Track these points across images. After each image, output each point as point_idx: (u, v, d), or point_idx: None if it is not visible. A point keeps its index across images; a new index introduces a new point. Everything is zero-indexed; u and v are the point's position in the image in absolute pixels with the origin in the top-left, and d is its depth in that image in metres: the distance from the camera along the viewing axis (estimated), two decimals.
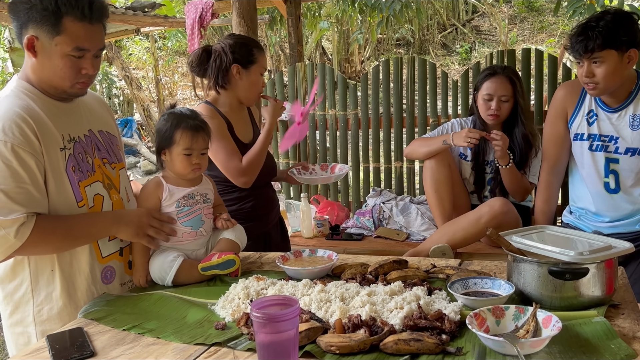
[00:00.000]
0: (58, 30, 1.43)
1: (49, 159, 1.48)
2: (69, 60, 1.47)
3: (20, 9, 1.46)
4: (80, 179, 1.56)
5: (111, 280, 1.67)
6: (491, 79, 2.60)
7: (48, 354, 1.22)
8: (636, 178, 2.13)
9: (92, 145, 1.65)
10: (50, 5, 1.41)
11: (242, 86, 2.26)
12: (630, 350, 1.11)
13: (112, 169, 1.71)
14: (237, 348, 1.22)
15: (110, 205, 1.66)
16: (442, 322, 1.22)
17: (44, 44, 1.45)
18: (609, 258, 1.34)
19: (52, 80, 1.53)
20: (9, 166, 1.39)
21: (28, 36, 1.45)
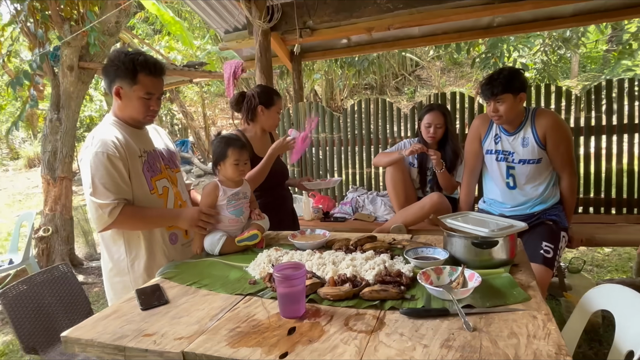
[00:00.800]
0: (135, 82, 1.54)
1: (132, 163, 1.56)
2: (142, 101, 1.57)
3: (110, 70, 1.56)
4: (152, 176, 1.64)
5: (175, 242, 1.71)
6: (430, 112, 2.61)
7: (137, 301, 1.22)
8: (526, 179, 2.15)
9: (158, 156, 1.71)
10: (130, 66, 1.52)
11: (264, 120, 2.27)
12: (526, 294, 1.13)
13: (172, 172, 1.77)
14: (264, 297, 1.23)
15: (173, 195, 1.73)
16: (401, 278, 1.23)
17: (126, 91, 1.56)
18: (510, 233, 1.36)
19: (131, 114, 1.62)
20: (105, 167, 1.48)
21: (115, 87, 1.55)
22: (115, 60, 1.55)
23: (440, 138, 2.64)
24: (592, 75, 10.38)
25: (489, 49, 6.84)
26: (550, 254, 1.98)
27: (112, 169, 1.49)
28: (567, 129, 2.15)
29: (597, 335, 2.35)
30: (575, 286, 2.70)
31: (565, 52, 7.94)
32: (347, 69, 10.05)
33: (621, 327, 1.17)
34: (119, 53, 1.57)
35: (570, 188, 2.17)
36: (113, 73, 1.55)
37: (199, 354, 0.93)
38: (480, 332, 0.96)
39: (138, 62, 1.54)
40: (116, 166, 1.51)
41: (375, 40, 4.13)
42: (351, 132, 3.59)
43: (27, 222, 3.73)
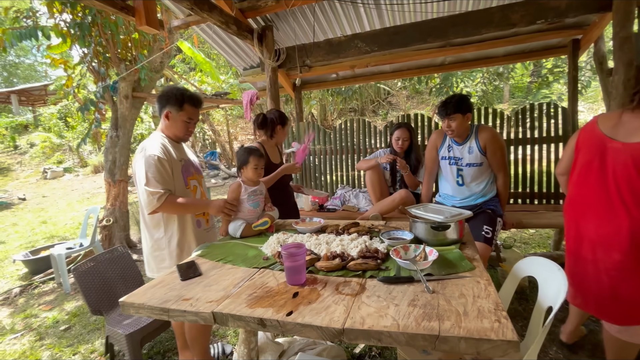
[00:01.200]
0: (181, 109, 1.60)
1: (174, 165, 1.59)
2: (184, 124, 1.63)
3: (164, 98, 1.60)
4: (187, 176, 1.65)
5: (200, 227, 1.70)
6: (398, 129, 2.61)
7: (177, 274, 1.21)
8: (471, 178, 2.15)
9: (191, 164, 1.72)
10: (180, 97, 1.59)
11: (279, 136, 2.28)
12: (472, 265, 1.14)
13: (199, 176, 1.77)
14: (274, 269, 1.23)
15: (200, 191, 1.74)
16: (378, 253, 1.23)
17: (173, 115, 1.60)
18: (459, 219, 1.36)
19: (175, 132, 1.64)
20: (156, 166, 1.50)
21: (166, 111, 1.60)
22: (169, 92, 1.60)
23: (406, 148, 2.64)
24: (519, 100, 10.43)
25: (442, 81, 6.88)
26: (490, 235, 1.99)
27: (160, 167, 1.51)
28: (502, 141, 2.16)
29: (525, 295, 2.36)
30: (508, 258, 2.71)
31: (499, 83, 8.00)
32: (336, 97, 10.09)
33: (543, 289, 1.17)
34: (172, 87, 1.62)
35: (504, 185, 2.17)
36: (165, 100, 1.59)
37: (225, 313, 0.93)
38: (437, 294, 0.96)
39: (186, 95, 1.60)
40: (164, 165, 1.53)
41: (357, 74, 4.13)
42: (339, 144, 3.58)
43: (94, 215, 3.68)
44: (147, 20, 1.75)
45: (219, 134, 11.13)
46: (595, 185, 1.40)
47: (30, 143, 12.75)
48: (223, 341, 2.14)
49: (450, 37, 2.64)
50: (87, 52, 3.92)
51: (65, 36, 3.72)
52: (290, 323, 0.86)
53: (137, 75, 4.05)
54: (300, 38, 3.19)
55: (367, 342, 0.81)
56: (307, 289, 1.04)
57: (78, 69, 4.67)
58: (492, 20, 2.48)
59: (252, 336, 1.44)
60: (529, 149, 3.00)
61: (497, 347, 0.74)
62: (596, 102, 9.45)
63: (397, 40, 2.76)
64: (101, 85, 3.98)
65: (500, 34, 2.98)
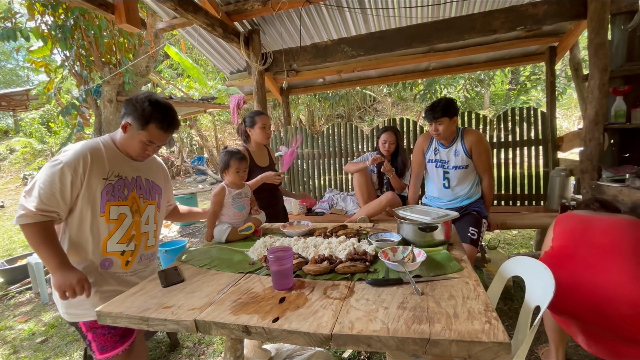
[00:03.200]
0: (143, 127, 1.23)
1: (88, 182, 1.19)
2: (141, 144, 1.26)
3: (129, 105, 1.23)
4: (108, 199, 1.23)
5: (108, 268, 1.27)
6: (385, 132, 2.61)
7: (159, 280, 1.15)
8: (457, 181, 2.16)
9: (134, 185, 1.31)
10: (146, 114, 1.22)
11: (255, 137, 2.17)
12: (460, 266, 1.11)
13: (143, 203, 1.34)
14: (260, 274, 1.17)
15: (130, 222, 1.30)
16: (366, 255, 1.20)
17: (132, 130, 1.24)
18: (446, 220, 1.34)
19: (126, 149, 1.29)
20: (52, 177, 1.14)
21: (126, 121, 1.24)
22: (137, 101, 1.23)
23: (393, 151, 2.64)
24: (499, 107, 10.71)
25: (426, 87, 6.98)
26: (475, 236, 1.99)
27: (57, 180, 1.14)
28: (487, 143, 2.17)
29: (510, 295, 2.37)
30: (493, 259, 2.73)
31: (480, 89, 8.19)
32: (323, 102, 10.10)
33: (530, 288, 1.16)
34: (145, 99, 1.23)
35: (489, 187, 2.19)
36: (130, 109, 1.23)
37: (207, 321, 0.87)
38: (427, 295, 0.93)
39: (156, 114, 1.23)
40: (63, 180, 1.15)
41: (344, 79, 4.13)
42: (327, 148, 3.56)
43: None
44: (128, 19, 1.68)
45: (206, 139, 10.96)
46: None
47: (10, 149, 12.26)
48: (207, 350, 2.06)
49: (434, 42, 2.67)
50: (69, 55, 3.78)
51: (47, 38, 3.58)
52: (277, 330, 0.82)
53: (122, 79, 3.93)
54: (287, 42, 3.17)
55: (356, 347, 0.77)
56: (294, 294, 0.99)
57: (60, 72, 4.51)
58: (474, 26, 2.52)
59: (238, 343, 1.38)
60: (511, 152, 3.05)
61: (489, 349, 0.71)
62: (570, 109, 9.80)
63: (382, 44, 2.77)
64: (83, 88, 3.85)
65: (482, 40, 3.04)
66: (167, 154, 10.71)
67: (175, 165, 10.62)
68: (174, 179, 10.29)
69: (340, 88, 4.61)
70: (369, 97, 12.38)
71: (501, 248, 3.30)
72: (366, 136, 3.46)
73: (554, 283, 1.01)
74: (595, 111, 2.23)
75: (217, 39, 3.11)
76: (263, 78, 3.09)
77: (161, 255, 3.28)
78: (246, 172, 1.69)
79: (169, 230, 4.99)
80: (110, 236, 1.26)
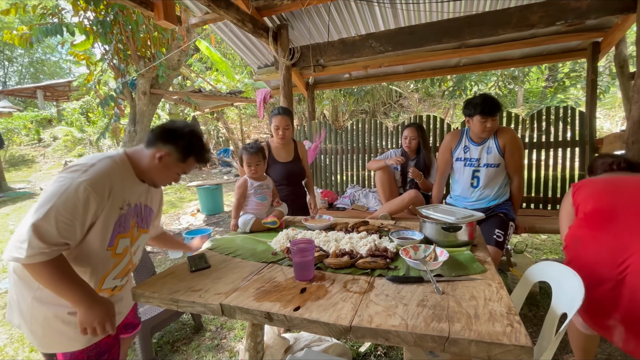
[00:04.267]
0: (184, 160, 1.14)
1: (107, 213, 1.02)
2: (174, 174, 1.17)
3: (171, 137, 1.12)
4: (119, 232, 1.09)
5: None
6: (407, 128, 2.61)
7: (188, 265, 1.21)
8: (487, 180, 2.09)
9: (135, 212, 1.16)
10: (190, 148, 1.14)
11: (278, 133, 2.14)
12: (483, 267, 1.10)
13: (137, 232, 1.19)
14: (283, 264, 1.21)
15: (129, 257, 1.18)
16: (387, 252, 1.20)
17: (170, 161, 1.13)
18: (471, 221, 1.32)
19: (154, 177, 1.16)
20: (75, 204, 0.93)
21: (164, 151, 1.11)
22: (183, 134, 1.13)
23: (415, 148, 2.62)
24: (533, 105, 10.17)
25: (455, 84, 6.76)
26: (501, 239, 1.93)
27: (81, 207, 0.94)
28: (521, 142, 2.09)
29: (535, 301, 2.29)
30: (519, 263, 2.64)
31: (513, 87, 7.82)
32: (348, 97, 10.04)
33: (557, 294, 1.12)
34: (191, 133, 1.15)
35: (518, 188, 2.11)
36: (172, 140, 1.12)
37: (233, 305, 0.92)
38: (447, 295, 0.93)
39: (198, 149, 1.16)
40: (87, 206, 0.96)
41: (370, 75, 4.09)
42: (350, 144, 3.56)
43: None
44: (165, 15, 1.77)
45: (232, 132, 11.23)
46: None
47: (54, 136, 13.13)
48: (229, 334, 2.14)
49: (465, 38, 2.59)
50: (108, 49, 3.99)
51: (89, 33, 3.80)
52: (297, 318, 0.85)
53: (155, 72, 4.11)
54: (315, 37, 3.18)
55: (374, 340, 0.79)
56: (315, 285, 1.02)
57: (99, 65, 4.77)
58: (509, 21, 2.42)
59: (258, 330, 1.43)
60: (544, 154, 2.91)
61: (510, 352, 0.70)
62: (613, 108, 9.14)
63: (411, 40, 2.71)
64: (121, 81, 4.06)
65: (518, 36, 2.90)
66: None
67: None
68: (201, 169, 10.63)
69: (366, 84, 4.57)
70: (395, 93, 12.16)
71: (528, 252, 3.18)
72: (390, 132, 3.42)
73: (583, 290, 0.98)
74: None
75: (246, 34, 3.17)
76: (290, 73, 3.13)
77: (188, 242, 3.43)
78: (259, 165, 1.72)
79: (195, 219, 5.19)
80: (110, 272, 1.11)
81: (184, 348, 2.02)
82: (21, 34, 3.73)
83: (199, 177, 9.34)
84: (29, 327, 1.05)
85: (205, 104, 6.04)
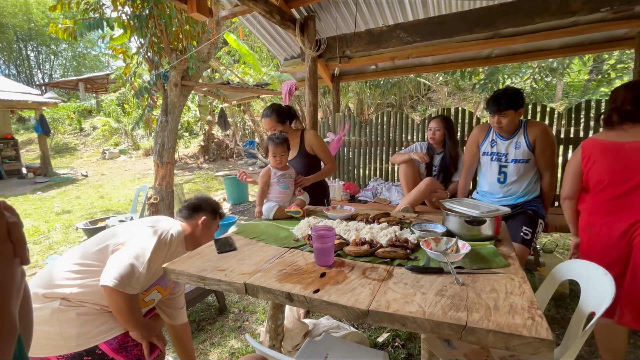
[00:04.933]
0: (215, 218, 1.55)
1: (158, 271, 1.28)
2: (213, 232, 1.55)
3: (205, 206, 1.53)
4: (157, 283, 1.36)
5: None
6: (433, 119, 2.59)
7: (214, 247, 1.28)
8: (515, 176, 2.02)
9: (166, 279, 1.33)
10: (217, 209, 1.57)
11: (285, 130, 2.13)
12: (506, 262, 1.08)
13: (163, 292, 1.44)
14: (304, 250, 1.24)
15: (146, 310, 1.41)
16: (407, 243, 1.20)
17: (209, 222, 1.51)
18: (496, 215, 1.29)
19: (202, 239, 1.47)
20: (161, 256, 1.28)
21: (203, 217, 1.49)
22: (211, 203, 1.55)
23: (441, 140, 2.58)
24: (573, 100, 9.53)
25: (487, 77, 6.47)
26: (529, 237, 1.86)
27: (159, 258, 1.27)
28: (554, 137, 2.00)
29: (564, 303, 2.20)
30: (547, 263, 2.54)
31: (551, 79, 7.36)
32: (374, 90, 9.88)
33: (586, 293, 1.08)
34: (214, 203, 1.57)
35: (550, 185, 2.02)
36: (206, 209, 1.52)
37: (256, 285, 0.96)
38: (467, 286, 0.92)
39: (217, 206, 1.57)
40: (160, 260, 1.27)
41: (397, 66, 4.01)
42: (374, 137, 3.53)
43: (143, 193, 3.98)
44: (198, 8, 1.83)
45: (258, 124, 11.41)
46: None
47: (93, 126, 13.97)
48: (251, 317, 2.23)
49: (499, 27, 2.47)
50: (144, 42, 4.18)
51: (126, 27, 3.99)
52: (317, 300, 0.88)
53: (186, 65, 4.25)
54: (342, 28, 3.15)
55: (391, 325, 0.81)
56: (335, 271, 1.05)
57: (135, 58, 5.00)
58: (548, 8, 2.28)
59: (279, 313, 1.49)
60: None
61: (529, 344, 0.70)
62: None
63: (441, 30, 2.63)
64: (154, 73, 4.24)
65: (557, 24, 2.73)
66: (223, 137, 11.37)
67: (229, 148, 11.26)
68: (228, 160, 10.92)
69: (393, 75, 4.48)
70: (423, 86, 11.82)
71: (558, 253, 3.04)
72: (417, 126, 3.36)
73: (614, 289, 0.94)
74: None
75: (273, 26, 3.20)
76: (316, 65, 3.13)
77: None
78: (284, 155, 1.77)
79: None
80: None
81: (208, 327, 2.13)
82: (65, 27, 3.99)
83: (226, 168, 9.62)
84: (60, 331, 1.13)
85: (233, 96, 6.17)
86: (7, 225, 0.35)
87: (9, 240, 0.35)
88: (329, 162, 2.17)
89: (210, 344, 1.96)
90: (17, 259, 0.35)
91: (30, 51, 22.50)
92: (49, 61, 23.39)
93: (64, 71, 23.57)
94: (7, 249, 0.34)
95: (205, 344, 1.96)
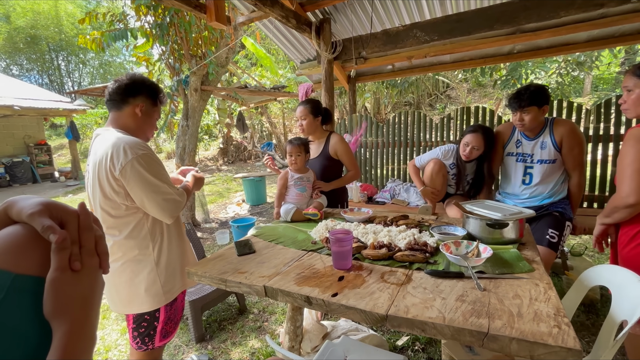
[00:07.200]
0: (155, 104, 1.29)
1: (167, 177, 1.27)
2: (155, 121, 1.31)
3: (134, 89, 1.24)
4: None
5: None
6: (471, 133, 2.09)
7: (234, 250, 1.31)
8: (541, 177, 1.94)
9: None
10: (156, 90, 1.28)
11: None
12: (530, 267, 1.05)
13: None
14: (322, 253, 1.25)
15: None
16: (427, 247, 1.19)
17: (147, 109, 1.26)
18: (519, 218, 1.25)
19: (147, 130, 1.30)
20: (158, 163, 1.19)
21: (140, 103, 1.24)
22: (144, 83, 1.25)
23: (474, 158, 2.17)
24: (603, 94, 9.04)
25: (509, 73, 6.26)
26: (555, 239, 1.79)
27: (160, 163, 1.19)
28: (582, 135, 1.91)
29: (595, 309, 2.09)
30: (576, 267, 2.42)
31: (578, 74, 7.02)
32: (391, 89, 9.77)
33: (617, 300, 1.03)
34: (144, 78, 1.27)
35: (578, 185, 1.93)
36: (138, 91, 1.23)
37: (275, 288, 0.98)
38: (489, 292, 0.90)
39: (157, 88, 1.29)
40: (162, 168, 1.20)
41: (414, 65, 3.96)
42: (392, 137, 3.49)
43: None
44: (217, 17, 1.89)
45: (275, 126, 11.55)
46: None
47: None
48: (270, 318, 2.26)
49: (521, 23, 2.40)
50: (165, 49, 4.32)
51: (149, 36, 4.15)
52: (335, 304, 0.89)
53: (206, 70, 4.36)
54: (357, 29, 3.15)
55: (410, 330, 0.80)
56: (353, 274, 1.05)
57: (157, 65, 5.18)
58: (574, 1, 2.19)
59: (298, 314, 1.50)
60: (612, 148, 2.61)
61: (555, 354, 0.67)
62: None
63: (459, 28, 2.58)
64: (176, 79, 4.38)
65: (584, 17, 2.61)
66: (241, 139, 11.57)
67: (247, 150, 11.44)
68: (246, 162, 11.10)
69: (410, 75, 4.43)
70: (442, 83, 11.58)
71: (588, 256, 2.90)
72: (435, 125, 3.30)
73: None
74: None
75: (289, 30, 3.24)
76: (332, 67, 3.14)
77: (234, 231, 3.67)
78: (299, 157, 1.78)
79: (240, 209, 5.47)
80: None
81: (229, 327, 2.18)
82: (93, 38, 4.19)
83: (244, 170, 9.78)
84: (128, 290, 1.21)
85: (251, 99, 6.28)
86: (95, 238, 0.36)
87: (96, 254, 0.36)
88: (352, 169, 2.09)
89: (231, 344, 2.00)
90: (101, 270, 0.36)
91: (61, 61, 23.73)
92: (78, 70, 24.58)
93: (92, 79, 24.72)
94: (94, 262, 0.35)
95: (227, 343, 2.01)
